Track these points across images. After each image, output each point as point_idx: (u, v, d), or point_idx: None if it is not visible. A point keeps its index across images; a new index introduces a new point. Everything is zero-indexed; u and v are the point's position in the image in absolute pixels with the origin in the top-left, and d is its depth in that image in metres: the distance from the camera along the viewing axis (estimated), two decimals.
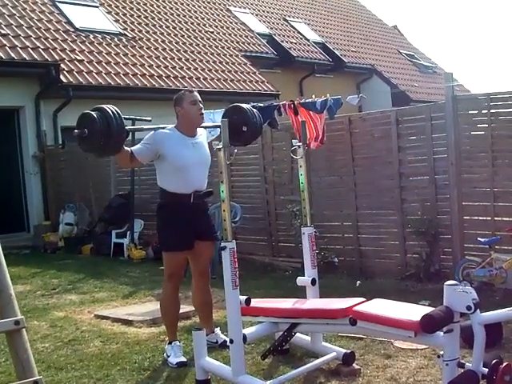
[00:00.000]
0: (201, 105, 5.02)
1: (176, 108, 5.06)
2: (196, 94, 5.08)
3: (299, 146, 5.18)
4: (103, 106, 4.50)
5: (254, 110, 5.39)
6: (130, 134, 10.64)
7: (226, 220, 4.23)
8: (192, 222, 5.02)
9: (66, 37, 14.42)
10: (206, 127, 5.34)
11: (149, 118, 10.94)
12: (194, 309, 5.91)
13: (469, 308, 3.67)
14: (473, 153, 7.35)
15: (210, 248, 5.29)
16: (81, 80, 13.34)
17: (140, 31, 16.54)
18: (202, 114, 5.05)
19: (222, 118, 5.26)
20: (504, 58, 60.40)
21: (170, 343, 5.10)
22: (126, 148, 4.81)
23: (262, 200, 9.54)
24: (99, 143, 4.42)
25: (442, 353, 3.80)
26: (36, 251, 11.97)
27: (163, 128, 5.07)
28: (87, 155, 12.65)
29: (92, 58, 14.23)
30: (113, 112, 4.40)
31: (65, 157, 13.35)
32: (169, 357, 5.02)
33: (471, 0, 65.79)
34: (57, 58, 13.35)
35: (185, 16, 18.85)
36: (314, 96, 7.79)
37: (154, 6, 18.39)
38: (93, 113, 4.40)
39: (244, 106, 5.36)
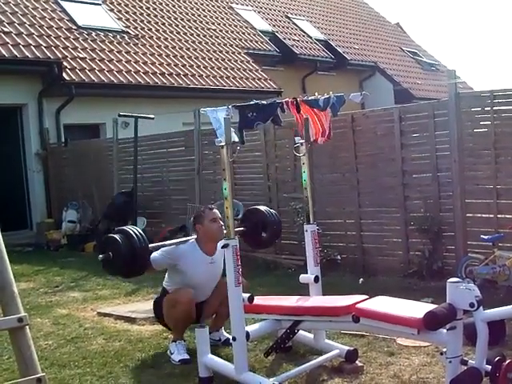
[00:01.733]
0: (221, 222, 5.02)
1: (196, 226, 5.12)
2: (216, 211, 5.13)
3: (302, 144, 5.18)
4: (126, 228, 4.54)
5: (272, 211, 5.52)
6: (133, 120, 10.73)
7: (228, 217, 4.23)
8: None
9: (69, 34, 14.43)
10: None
11: (152, 116, 11.02)
12: None
13: (472, 305, 3.66)
14: (476, 150, 7.34)
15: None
16: (83, 78, 13.34)
17: (142, 29, 16.53)
18: (223, 230, 4.94)
19: (242, 221, 5.44)
20: (507, 55, 60.23)
21: (174, 341, 5.10)
22: None
23: (264, 197, 9.53)
24: (125, 266, 4.45)
25: (445, 350, 3.80)
26: (39, 249, 11.99)
27: (185, 242, 5.11)
28: (90, 153, 12.72)
29: (94, 55, 14.24)
30: (136, 234, 4.42)
31: (67, 154, 13.37)
32: (172, 354, 5.02)
33: None
34: (59, 55, 13.36)
35: (187, 14, 18.85)
36: (316, 93, 7.78)
37: (157, 3, 18.39)
38: (116, 236, 4.43)
39: (263, 208, 5.50)
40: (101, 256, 4.47)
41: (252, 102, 5.62)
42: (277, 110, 7.96)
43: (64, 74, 13.05)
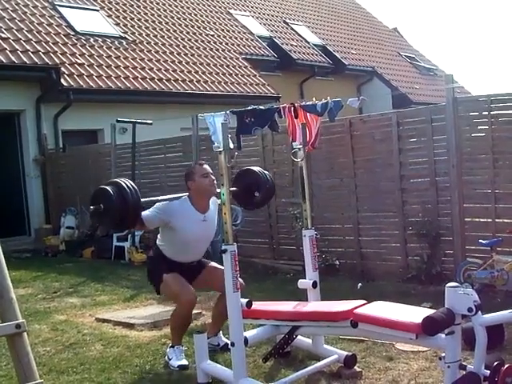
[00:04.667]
0: (212, 177, 4.99)
1: (188, 182, 5.09)
2: (206, 166, 5.09)
3: (300, 149, 5.19)
4: (118, 180, 4.50)
5: (266, 172, 5.48)
6: (131, 126, 10.73)
7: (226, 223, 4.22)
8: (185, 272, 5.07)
9: (67, 40, 14.44)
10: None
11: (150, 121, 11.02)
12: (195, 311, 5.89)
13: (470, 310, 3.66)
14: (473, 155, 7.34)
15: (216, 269, 5.20)
16: (81, 83, 13.35)
17: (140, 34, 16.56)
18: (215, 185, 4.98)
19: (234, 182, 5.36)
20: (504, 60, 60.41)
21: (172, 346, 5.09)
22: None
23: None
24: (115, 219, 4.40)
25: (443, 355, 3.79)
26: (37, 255, 11.97)
27: (178, 198, 5.09)
28: (88, 158, 12.73)
29: (92, 61, 14.25)
30: (128, 186, 4.38)
31: (65, 160, 13.37)
32: (170, 360, 5.01)
33: (471, 2, 65.87)
34: (57, 61, 13.37)
35: (185, 19, 18.88)
36: (314, 99, 7.79)
37: (155, 9, 18.43)
38: (108, 188, 4.38)
39: (256, 169, 5.46)
40: (92, 207, 4.39)
41: (250, 108, 5.62)
42: (274, 115, 7.96)
43: (62, 80, 13.06)
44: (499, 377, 3.70)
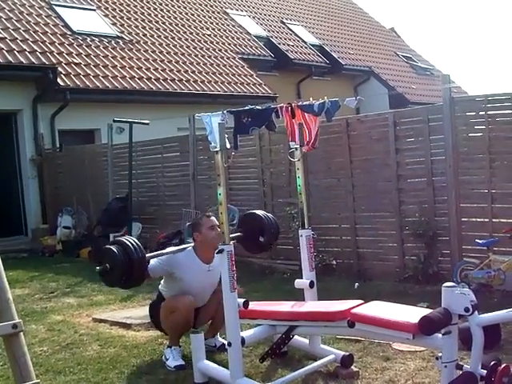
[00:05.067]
0: (219, 229, 4.92)
1: (194, 234, 5.11)
2: (213, 218, 5.10)
3: (297, 149, 5.19)
4: (122, 238, 4.54)
5: (269, 214, 5.54)
6: (128, 126, 10.72)
7: (223, 223, 4.23)
8: None
9: (63, 40, 14.43)
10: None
11: (147, 121, 11.02)
12: None
13: (467, 310, 3.67)
14: (470, 154, 7.35)
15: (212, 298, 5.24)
16: (78, 83, 13.33)
17: (137, 34, 16.54)
18: (220, 238, 4.82)
19: (238, 226, 5.44)
20: (501, 60, 60.49)
21: (169, 347, 5.09)
22: None
23: (259, 203, 9.51)
24: (122, 277, 4.43)
25: (440, 355, 3.80)
26: (34, 255, 11.95)
27: (183, 249, 5.10)
28: (85, 158, 12.72)
29: (89, 61, 14.24)
30: (132, 244, 4.42)
31: (62, 160, 13.36)
32: (167, 360, 5.01)
33: (468, 2, 65.91)
34: (54, 61, 13.36)
35: (182, 19, 18.87)
36: (311, 99, 7.79)
37: (151, 8, 18.41)
38: (113, 247, 4.42)
39: (260, 213, 5.49)
40: (98, 268, 4.45)
41: (247, 108, 5.61)
42: (271, 115, 7.95)
43: (59, 80, 13.05)
44: (496, 376, 3.71)
